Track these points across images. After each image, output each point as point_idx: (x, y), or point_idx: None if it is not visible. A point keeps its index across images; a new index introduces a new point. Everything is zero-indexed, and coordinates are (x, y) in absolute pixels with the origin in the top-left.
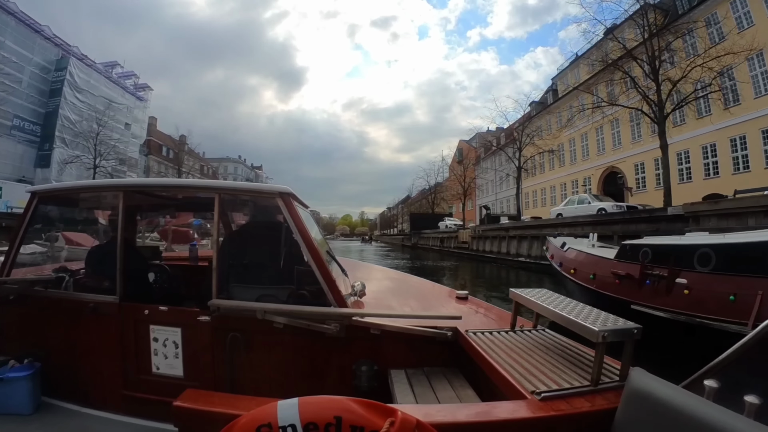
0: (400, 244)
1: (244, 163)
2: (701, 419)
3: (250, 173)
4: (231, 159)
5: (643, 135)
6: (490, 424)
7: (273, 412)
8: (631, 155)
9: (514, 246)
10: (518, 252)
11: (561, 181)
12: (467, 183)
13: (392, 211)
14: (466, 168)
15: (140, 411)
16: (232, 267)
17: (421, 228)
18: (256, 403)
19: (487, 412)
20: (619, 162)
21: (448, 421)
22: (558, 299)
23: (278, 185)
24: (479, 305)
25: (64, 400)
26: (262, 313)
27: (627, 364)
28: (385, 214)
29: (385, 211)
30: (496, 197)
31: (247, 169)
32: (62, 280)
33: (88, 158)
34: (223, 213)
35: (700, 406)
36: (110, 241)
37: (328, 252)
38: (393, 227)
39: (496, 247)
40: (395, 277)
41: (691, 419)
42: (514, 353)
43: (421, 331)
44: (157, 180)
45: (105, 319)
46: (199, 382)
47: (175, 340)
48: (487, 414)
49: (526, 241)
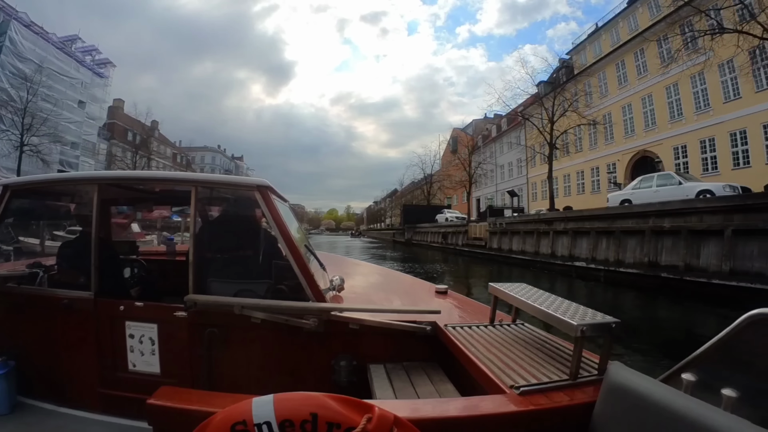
0: (391, 239)
1: (224, 153)
2: (678, 412)
3: (230, 164)
4: (209, 148)
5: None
6: (468, 419)
7: (248, 409)
8: (685, 132)
9: (564, 245)
10: (573, 253)
11: (577, 169)
12: (473, 169)
13: (379, 204)
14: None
15: (117, 409)
16: (210, 261)
17: (416, 221)
18: (231, 400)
19: (466, 406)
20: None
21: (425, 416)
22: (537, 293)
23: (256, 178)
24: (459, 300)
25: (40, 399)
26: (240, 309)
27: (605, 357)
28: (372, 208)
29: (372, 205)
30: (497, 188)
31: (227, 159)
32: (36, 276)
33: (14, 134)
34: (200, 206)
35: (677, 399)
36: (84, 235)
37: (307, 246)
38: (380, 221)
39: (530, 246)
40: (375, 272)
41: (669, 412)
42: (494, 347)
43: (401, 325)
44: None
45: (80, 316)
46: (177, 379)
47: (152, 336)
48: (466, 409)
49: (586, 239)
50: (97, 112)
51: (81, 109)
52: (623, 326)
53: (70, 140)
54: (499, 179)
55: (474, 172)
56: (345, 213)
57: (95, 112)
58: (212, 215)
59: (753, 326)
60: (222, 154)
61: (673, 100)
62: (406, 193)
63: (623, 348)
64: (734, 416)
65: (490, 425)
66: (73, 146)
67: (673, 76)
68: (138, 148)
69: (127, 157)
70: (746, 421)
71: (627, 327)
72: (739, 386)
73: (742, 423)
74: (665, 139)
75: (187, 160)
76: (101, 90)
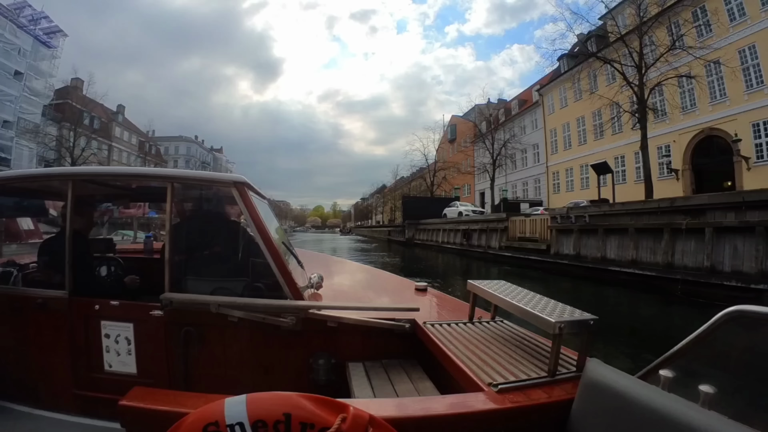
0: (385, 238)
1: (201, 144)
2: (656, 409)
3: (207, 155)
4: (184, 138)
5: None
6: (445, 417)
7: (220, 410)
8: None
9: (747, 251)
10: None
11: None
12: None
13: (367, 201)
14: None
15: (93, 411)
16: (186, 259)
17: (420, 217)
18: (205, 401)
19: (444, 405)
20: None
21: (402, 415)
22: (515, 291)
23: (233, 174)
24: (438, 297)
25: (13, 401)
26: (216, 307)
27: (583, 355)
28: (359, 205)
29: (359, 202)
30: (506, 180)
31: (204, 150)
32: (10, 275)
33: None
34: (176, 203)
35: (655, 395)
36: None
37: (285, 244)
38: (369, 218)
39: (648, 253)
40: (354, 269)
41: (647, 409)
42: (472, 345)
43: (379, 323)
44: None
45: (54, 316)
46: (153, 379)
47: (128, 336)
48: (444, 407)
49: None
50: (42, 88)
51: (18, 81)
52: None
53: (1, 118)
54: (510, 168)
55: (499, 153)
56: (331, 210)
57: (39, 87)
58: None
59: (730, 322)
60: (199, 144)
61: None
62: (402, 185)
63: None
64: (711, 412)
65: (468, 423)
66: (6, 125)
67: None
68: (93, 132)
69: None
70: (723, 417)
71: None
72: (717, 382)
73: (719, 419)
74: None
75: (156, 149)
76: (48, 63)
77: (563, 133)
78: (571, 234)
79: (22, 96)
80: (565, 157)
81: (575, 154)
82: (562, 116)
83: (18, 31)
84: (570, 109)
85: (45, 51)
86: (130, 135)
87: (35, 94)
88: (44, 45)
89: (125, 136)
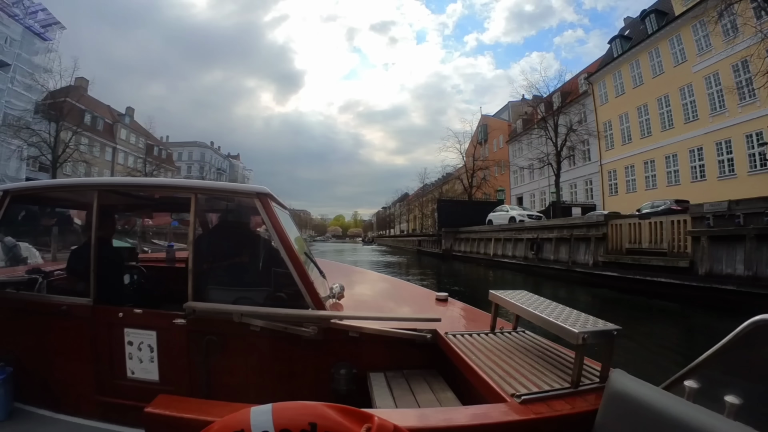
0: (414, 249)
1: (216, 150)
2: (681, 420)
3: (223, 162)
4: (198, 144)
5: None
6: (468, 428)
7: (246, 418)
8: None
9: None
10: None
11: (691, 145)
12: (562, 137)
13: (388, 210)
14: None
15: (114, 416)
16: (209, 269)
17: (458, 224)
18: (230, 409)
19: (466, 416)
20: None
21: (425, 425)
22: (537, 301)
23: (256, 186)
24: (459, 307)
25: (36, 405)
26: (239, 316)
27: (607, 365)
28: (381, 214)
29: (381, 211)
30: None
31: (220, 156)
32: (35, 282)
33: None
34: (199, 213)
35: (680, 406)
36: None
37: (307, 254)
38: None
39: None
40: (374, 279)
41: (672, 420)
42: (494, 355)
43: (400, 333)
44: (132, 179)
45: (78, 322)
46: (175, 386)
47: (150, 343)
48: (465, 418)
49: None
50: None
51: (4, 72)
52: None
53: None
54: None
55: (565, 143)
56: (352, 219)
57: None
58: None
59: (755, 332)
60: (214, 150)
61: None
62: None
63: None
64: (737, 423)
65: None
66: None
67: None
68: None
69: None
70: (749, 428)
71: None
72: (742, 393)
73: (745, 430)
74: None
75: (167, 153)
76: (43, 57)
77: (620, 125)
78: (740, 243)
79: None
80: (624, 153)
81: (637, 149)
82: (618, 106)
83: (8, 20)
84: (628, 97)
85: (38, 43)
86: (137, 137)
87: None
88: (38, 37)
89: (132, 139)
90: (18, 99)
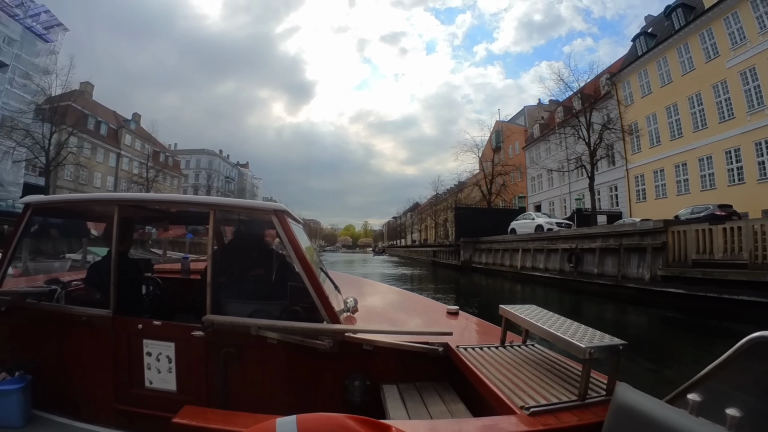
0: (429, 260)
1: (225, 158)
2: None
3: (232, 170)
4: (207, 151)
5: None
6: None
7: (271, 429)
8: None
9: None
10: None
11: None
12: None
13: (399, 219)
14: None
15: (132, 425)
16: (226, 282)
17: (478, 233)
18: (253, 420)
19: (477, 427)
20: None
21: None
22: (546, 315)
23: (273, 203)
24: (470, 321)
25: (55, 413)
26: (256, 329)
27: (613, 378)
28: (392, 224)
29: (392, 221)
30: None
31: (228, 165)
32: (54, 293)
33: None
34: (216, 228)
35: (682, 420)
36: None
37: (321, 268)
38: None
39: None
40: (386, 291)
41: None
42: (504, 368)
43: (413, 346)
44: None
45: (98, 333)
46: (192, 396)
47: (169, 354)
48: (476, 429)
49: None
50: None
51: (2, 73)
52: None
53: None
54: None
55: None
56: (362, 229)
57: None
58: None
59: (755, 348)
60: (223, 159)
61: None
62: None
63: None
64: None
65: None
66: None
67: None
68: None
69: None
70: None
71: None
72: (743, 406)
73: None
74: None
75: (174, 160)
76: (44, 59)
77: (648, 126)
78: None
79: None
80: (653, 156)
81: (667, 151)
82: (644, 106)
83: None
84: (655, 97)
85: (42, 45)
86: (143, 144)
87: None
88: (40, 38)
89: (137, 145)
90: (15, 100)
